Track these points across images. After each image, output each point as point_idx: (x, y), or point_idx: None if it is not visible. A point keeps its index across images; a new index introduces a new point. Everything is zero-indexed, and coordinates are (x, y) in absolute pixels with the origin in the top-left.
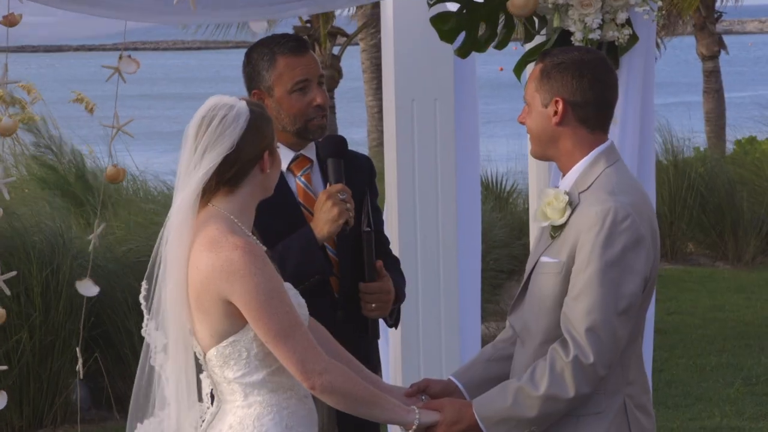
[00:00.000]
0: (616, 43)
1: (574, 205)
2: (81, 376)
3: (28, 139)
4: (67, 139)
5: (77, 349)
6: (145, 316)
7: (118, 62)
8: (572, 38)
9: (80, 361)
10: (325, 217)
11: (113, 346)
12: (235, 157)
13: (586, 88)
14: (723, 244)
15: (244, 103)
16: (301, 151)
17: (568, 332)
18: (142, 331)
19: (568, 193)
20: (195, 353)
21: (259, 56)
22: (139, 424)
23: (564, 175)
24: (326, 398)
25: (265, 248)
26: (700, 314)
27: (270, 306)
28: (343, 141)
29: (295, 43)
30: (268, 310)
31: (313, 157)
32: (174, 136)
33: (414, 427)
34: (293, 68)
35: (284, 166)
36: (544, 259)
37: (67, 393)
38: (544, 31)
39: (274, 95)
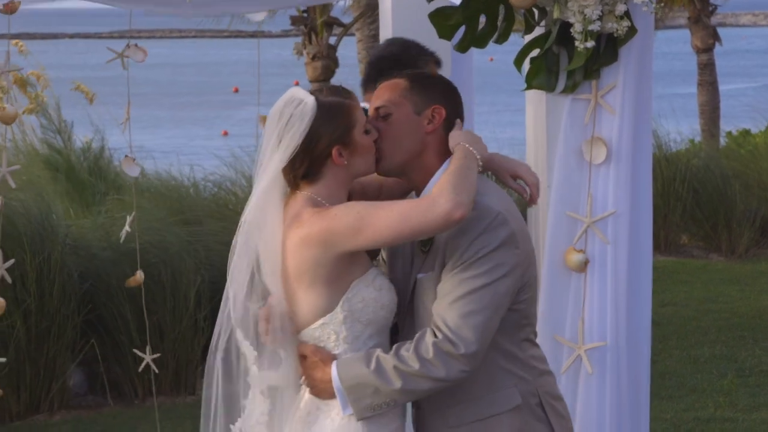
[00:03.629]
0: (615, 35)
1: None
2: None
3: (36, 122)
4: (71, 124)
5: None
6: (233, 326)
7: (125, 50)
8: (572, 30)
9: None
10: None
11: (109, 332)
12: (302, 154)
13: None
14: (716, 236)
15: (312, 100)
16: None
17: (438, 326)
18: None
19: None
20: None
21: None
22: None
23: (423, 188)
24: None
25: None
26: (694, 306)
27: (368, 219)
28: None
29: None
30: (370, 224)
31: None
32: (170, 122)
33: None
34: None
35: None
36: (420, 276)
37: (63, 379)
38: (543, 23)
39: None
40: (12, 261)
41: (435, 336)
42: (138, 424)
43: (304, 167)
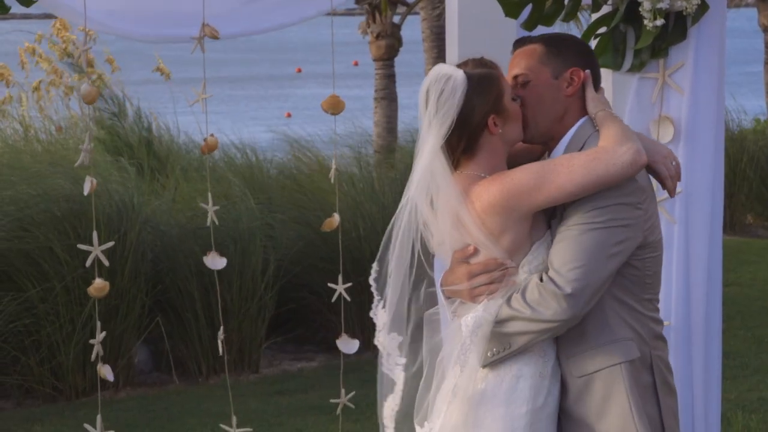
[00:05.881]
0: (684, 13)
1: None
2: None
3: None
4: (134, 104)
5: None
6: (376, 298)
7: (202, 31)
8: (640, 8)
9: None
10: None
11: (175, 310)
12: (459, 130)
13: None
14: None
15: (461, 74)
16: None
17: (546, 269)
18: (371, 312)
19: None
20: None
21: None
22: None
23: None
24: None
25: None
26: (759, 286)
27: (548, 176)
28: None
29: None
30: (551, 181)
31: None
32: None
33: None
34: None
35: None
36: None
37: (129, 356)
38: (610, 1)
39: None
40: (111, 243)
41: (540, 279)
42: (202, 402)
43: (463, 142)
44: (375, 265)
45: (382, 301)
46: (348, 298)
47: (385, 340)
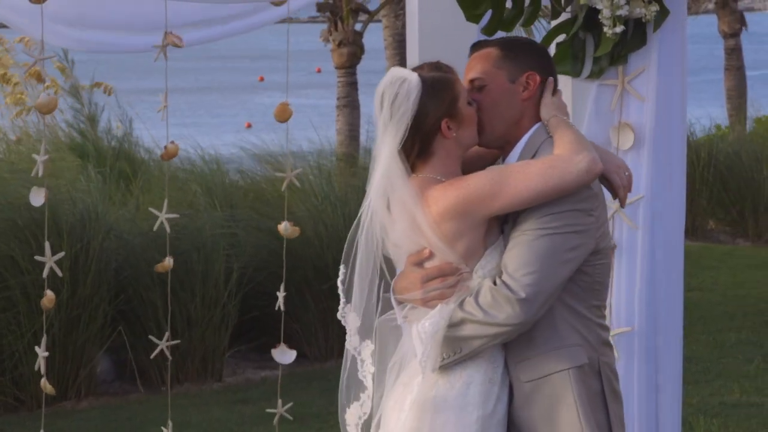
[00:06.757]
0: (644, 20)
1: None
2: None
3: (67, 103)
4: (102, 108)
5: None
6: (342, 300)
7: (164, 40)
8: (600, 15)
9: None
10: None
11: (138, 318)
12: (413, 133)
13: None
14: (743, 221)
15: (415, 77)
16: None
17: (500, 273)
18: (338, 314)
19: None
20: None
21: None
22: (347, 408)
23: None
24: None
25: None
26: (720, 291)
27: (503, 183)
28: None
29: None
30: (507, 188)
31: None
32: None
33: None
34: None
35: None
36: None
37: (91, 365)
38: (569, 8)
39: None
40: (62, 254)
41: (494, 283)
42: (165, 411)
43: (417, 146)
44: (342, 267)
45: (350, 305)
46: (283, 308)
47: (359, 346)
